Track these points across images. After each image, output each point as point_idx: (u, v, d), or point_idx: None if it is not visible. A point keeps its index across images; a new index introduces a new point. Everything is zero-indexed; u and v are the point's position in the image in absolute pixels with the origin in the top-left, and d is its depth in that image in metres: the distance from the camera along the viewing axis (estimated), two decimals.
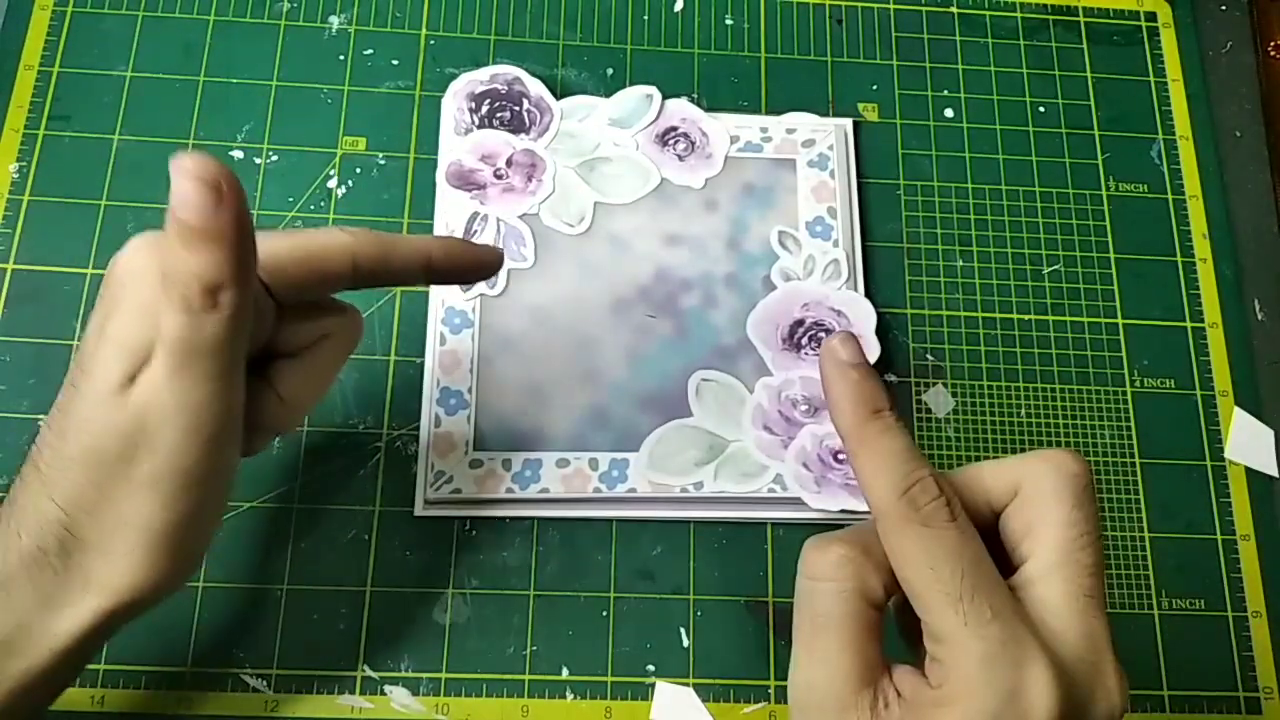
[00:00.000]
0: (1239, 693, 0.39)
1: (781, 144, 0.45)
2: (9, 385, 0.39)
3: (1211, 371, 0.44)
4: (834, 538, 0.27)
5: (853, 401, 0.27)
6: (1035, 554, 0.27)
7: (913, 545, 0.26)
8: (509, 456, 0.39)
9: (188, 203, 0.24)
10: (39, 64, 0.44)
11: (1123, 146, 0.48)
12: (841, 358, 0.28)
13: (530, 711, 0.37)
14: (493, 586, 0.39)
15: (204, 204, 0.25)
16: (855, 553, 0.26)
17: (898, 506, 0.26)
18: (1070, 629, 0.25)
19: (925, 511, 0.26)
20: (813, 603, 0.27)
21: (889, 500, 0.26)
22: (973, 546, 0.26)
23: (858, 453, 0.27)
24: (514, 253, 0.42)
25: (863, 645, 0.26)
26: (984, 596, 0.25)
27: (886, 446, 0.27)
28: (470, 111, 0.44)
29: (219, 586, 0.38)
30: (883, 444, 0.27)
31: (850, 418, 0.27)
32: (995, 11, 0.49)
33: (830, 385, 0.28)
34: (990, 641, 0.24)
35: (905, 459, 0.26)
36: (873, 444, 0.27)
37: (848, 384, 0.27)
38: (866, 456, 0.27)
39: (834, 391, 0.28)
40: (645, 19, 0.48)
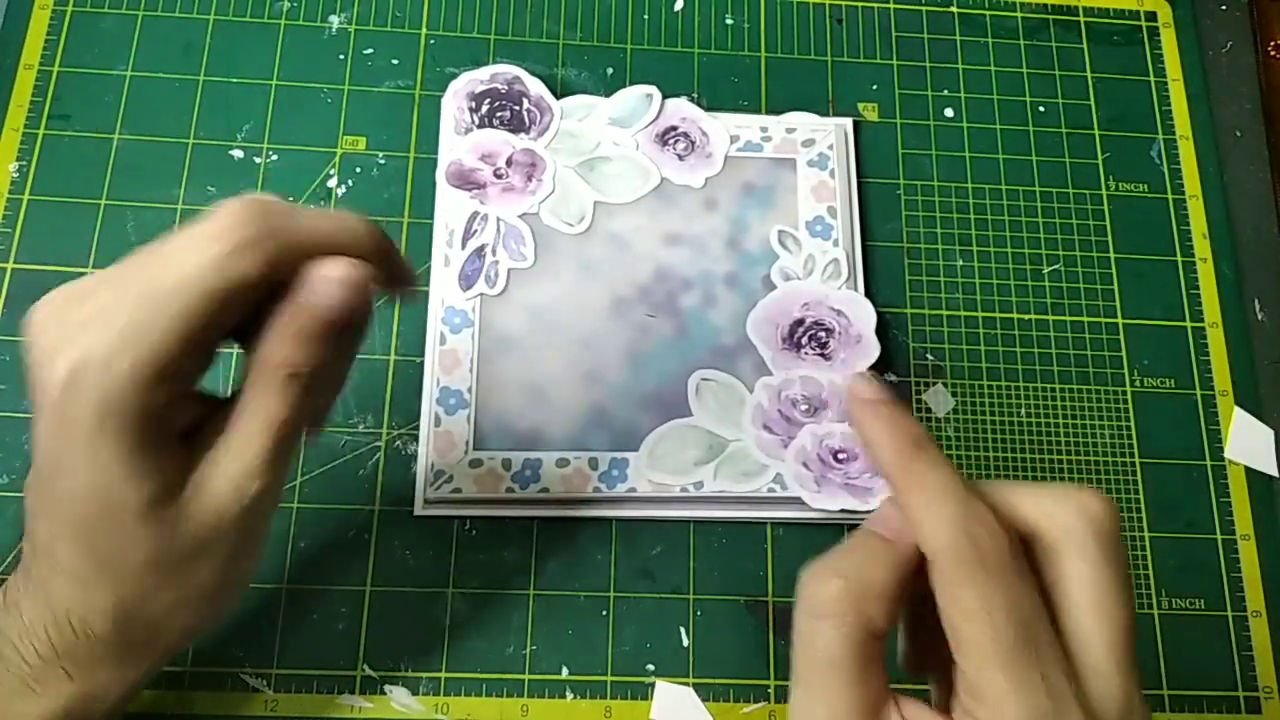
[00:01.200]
0: (1239, 692, 0.39)
1: (781, 143, 0.45)
2: (8, 384, 0.39)
3: (1211, 371, 0.44)
4: (832, 568, 0.25)
5: (892, 438, 0.26)
6: (1069, 612, 0.25)
7: (971, 592, 0.23)
8: (509, 456, 0.39)
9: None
10: (39, 63, 0.44)
11: (1123, 146, 0.48)
12: (866, 396, 0.26)
13: (530, 711, 0.37)
14: (492, 586, 0.39)
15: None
16: (856, 585, 0.24)
17: (956, 543, 0.24)
18: (1110, 696, 0.24)
19: (985, 549, 0.24)
20: (812, 641, 0.25)
21: (946, 539, 0.24)
22: (1032, 599, 0.24)
23: (907, 490, 0.25)
24: (514, 252, 0.42)
25: (866, 680, 0.25)
26: (1037, 661, 0.23)
27: (937, 482, 0.25)
28: (470, 111, 0.44)
29: None
30: (933, 479, 0.25)
31: (893, 455, 0.25)
32: (995, 11, 0.49)
33: (864, 427, 0.26)
34: (1036, 712, 0.23)
35: (959, 494, 0.24)
36: (922, 480, 0.25)
37: (881, 421, 0.26)
38: (917, 495, 0.25)
39: (869, 432, 0.26)
40: (645, 18, 0.48)
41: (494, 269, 0.42)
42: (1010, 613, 0.23)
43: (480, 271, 0.41)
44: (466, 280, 0.41)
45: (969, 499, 0.24)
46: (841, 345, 0.41)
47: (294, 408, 0.27)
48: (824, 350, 0.41)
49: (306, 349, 0.27)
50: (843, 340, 0.41)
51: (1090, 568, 0.24)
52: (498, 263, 0.42)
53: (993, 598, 0.23)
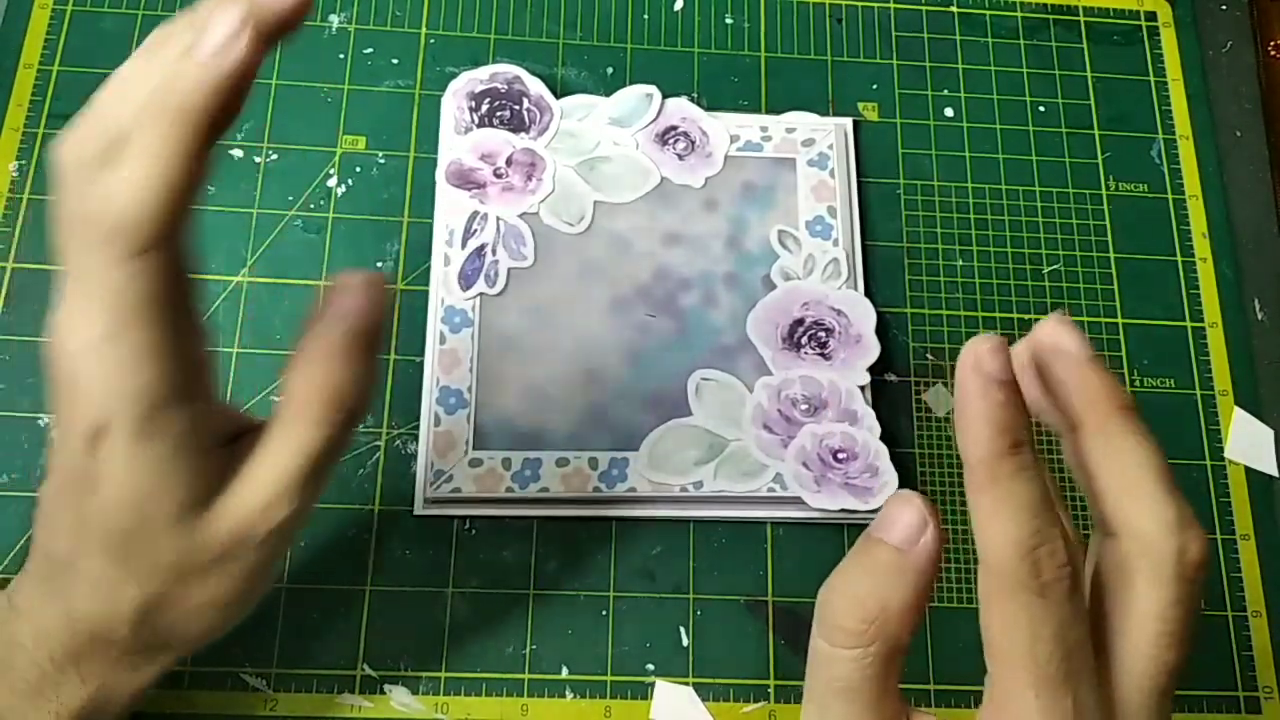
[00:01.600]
0: (1239, 692, 0.39)
1: (781, 143, 0.45)
2: (8, 384, 0.39)
3: (1211, 371, 0.44)
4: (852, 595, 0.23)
5: (990, 428, 0.22)
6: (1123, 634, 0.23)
7: (1020, 614, 0.22)
8: (509, 456, 0.39)
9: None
10: (38, 63, 0.44)
11: (1123, 146, 0.48)
12: (988, 370, 0.23)
13: (530, 711, 0.37)
14: (492, 586, 0.39)
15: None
16: (879, 613, 0.23)
17: (1017, 567, 0.22)
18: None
19: (1046, 581, 0.22)
20: (830, 669, 0.23)
21: (1007, 557, 0.22)
22: (1081, 628, 0.22)
23: (983, 490, 0.23)
24: (514, 252, 0.42)
25: (885, 700, 0.24)
26: (1072, 690, 0.22)
27: (1019, 492, 0.22)
28: (470, 110, 0.44)
29: None
30: (1015, 488, 0.22)
31: (983, 449, 0.23)
32: (995, 11, 0.49)
33: (966, 402, 0.23)
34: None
35: (1037, 511, 0.22)
36: (1004, 486, 0.22)
37: (989, 405, 0.22)
38: (992, 499, 0.22)
39: (970, 411, 0.23)
40: (645, 18, 0.48)
41: (494, 269, 0.42)
42: (1055, 640, 0.22)
43: (480, 271, 0.41)
44: (466, 280, 0.41)
45: (1046, 521, 0.22)
46: (841, 345, 0.41)
47: (327, 434, 0.27)
48: (824, 350, 0.41)
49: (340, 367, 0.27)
50: (843, 340, 0.41)
51: (1160, 605, 0.23)
52: (498, 262, 0.42)
53: (1041, 623, 0.22)
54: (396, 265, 0.42)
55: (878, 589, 0.23)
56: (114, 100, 0.26)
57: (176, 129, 0.24)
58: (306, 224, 0.43)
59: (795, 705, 0.38)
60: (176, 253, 0.25)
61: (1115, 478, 0.23)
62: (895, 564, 0.23)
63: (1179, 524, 0.23)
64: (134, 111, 0.25)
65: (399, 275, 0.42)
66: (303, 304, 0.41)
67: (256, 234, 0.42)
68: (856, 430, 0.40)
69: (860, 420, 0.40)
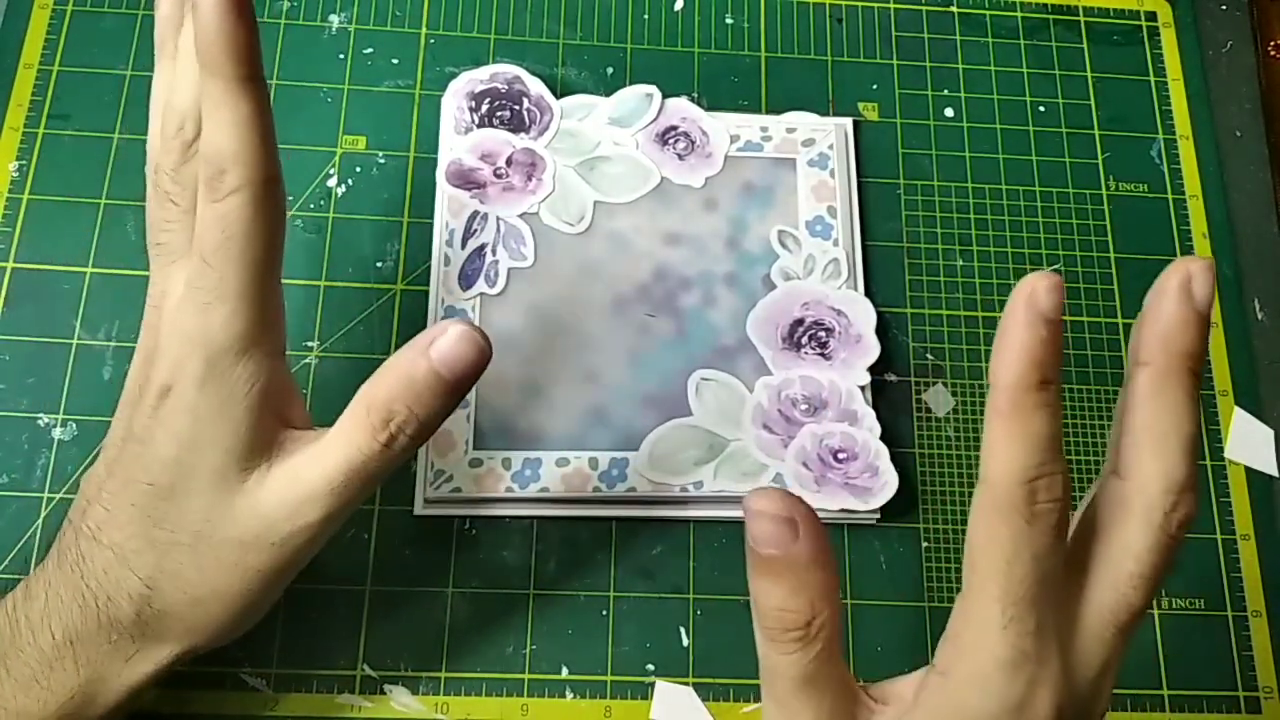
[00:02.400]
0: (1239, 692, 0.39)
1: (781, 143, 0.45)
2: (8, 384, 0.39)
3: (1211, 371, 0.44)
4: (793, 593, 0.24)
5: (1026, 360, 0.23)
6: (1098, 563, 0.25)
7: (1004, 534, 0.23)
8: (509, 455, 0.39)
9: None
10: (39, 63, 0.44)
11: (1123, 146, 0.48)
12: (1041, 306, 0.23)
13: (530, 710, 0.37)
14: (492, 586, 0.39)
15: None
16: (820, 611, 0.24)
17: (1013, 491, 0.23)
18: (1093, 659, 0.25)
19: (1039, 509, 0.23)
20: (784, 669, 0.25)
21: (1009, 480, 0.23)
22: (1056, 558, 0.24)
23: (1003, 415, 0.23)
24: (514, 252, 0.42)
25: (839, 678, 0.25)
26: (1037, 611, 0.23)
27: (1035, 425, 0.23)
28: (470, 110, 0.44)
29: None
30: (1033, 421, 0.23)
31: (1013, 375, 0.23)
32: (995, 11, 0.49)
33: (1011, 329, 0.23)
34: (1018, 653, 0.23)
35: (1047, 446, 0.23)
36: (1022, 415, 0.23)
37: (1031, 338, 0.23)
38: (1008, 423, 0.23)
39: (1011, 338, 0.23)
40: (645, 18, 0.48)
41: (494, 269, 0.42)
42: (1032, 563, 0.23)
43: (480, 271, 0.41)
44: (466, 280, 0.41)
45: (1052, 454, 0.23)
46: (841, 345, 0.41)
47: (382, 451, 0.28)
48: (824, 350, 0.41)
49: (419, 399, 0.27)
50: (843, 340, 0.41)
51: (1139, 548, 0.24)
52: (498, 262, 0.42)
53: (1020, 546, 0.23)
54: (396, 265, 0.42)
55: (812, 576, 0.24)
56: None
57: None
58: (306, 224, 0.43)
59: None
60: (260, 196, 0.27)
61: (1148, 426, 0.24)
62: (814, 553, 0.24)
63: (1181, 484, 0.24)
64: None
65: (399, 275, 0.42)
66: (303, 304, 0.41)
67: None
68: (856, 430, 0.40)
69: (860, 420, 0.40)
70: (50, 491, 0.38)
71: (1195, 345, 0.24)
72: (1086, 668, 0.24)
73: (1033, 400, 0.23)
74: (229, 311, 0.27)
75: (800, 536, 0.24)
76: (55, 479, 0.38)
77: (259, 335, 0.27)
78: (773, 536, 0.24)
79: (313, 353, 0.40)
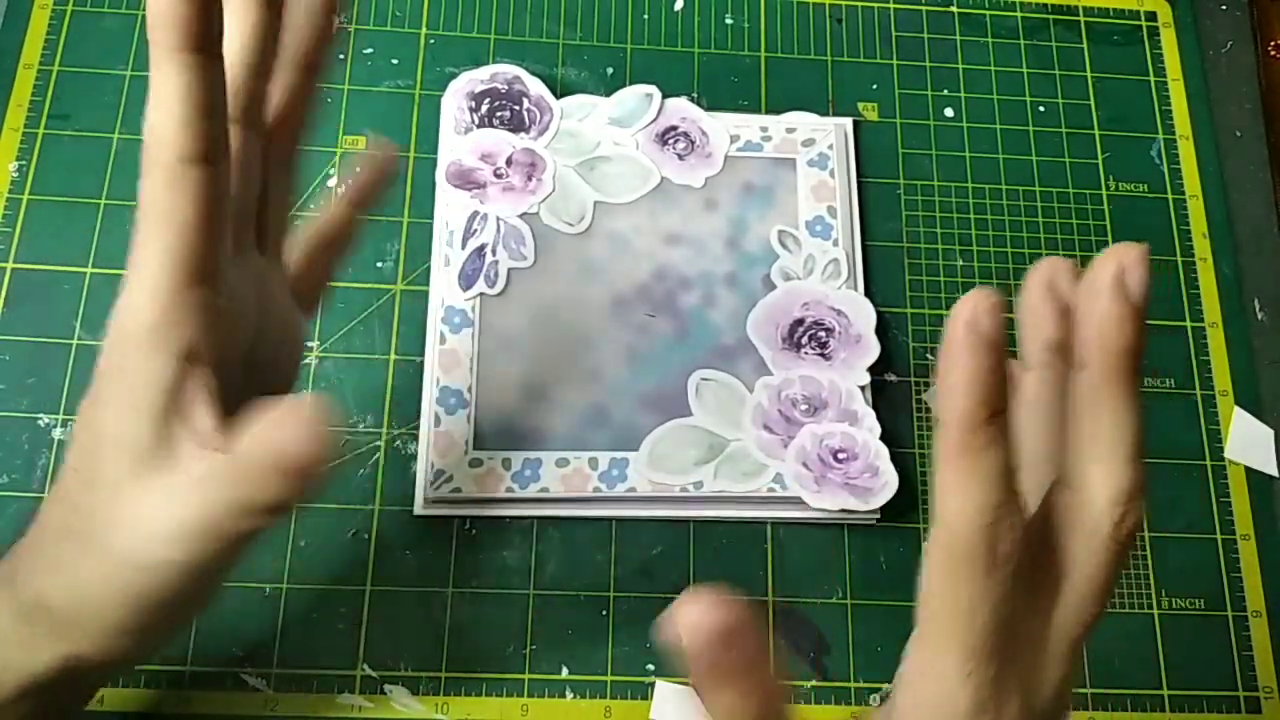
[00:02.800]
0: (1239, 692, 0.39)
1: (781, 143, 0.45)
2: (8, 384, 0.39)
3: (1211, 371, 0.44)
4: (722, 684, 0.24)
5: (972, 398, 0.22)
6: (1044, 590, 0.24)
7: (965, 585, 0.22)
8: (509, 456, 0.39)
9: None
10: (39, 63, 0.44)
11: (1123, 146, 0.48)
12: (982, 328, 0.22)
13: (530, 710, 0.37)
14: (493, 586, 0.39)
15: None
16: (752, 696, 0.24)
17: (973, 536, 0.22)
18: (1050, 678, 0.24)
19: (1001, 555, 0.22)
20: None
21: (967, 528, 0.22)
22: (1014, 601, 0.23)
23: (954, 456, 0.22)
24: (514, 252, 0.42)
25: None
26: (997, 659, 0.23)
27: (988, 464, 0.22)
28: (470, 110, 0.44)
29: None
30: (985, 460, 0.22)
31: (960, 412, 0.22)
32: (995, 11, 0.49)
33: (955, 359, 0.22)
34: (977, 704, 0.23)
35: (1001, 485, 0.22)
36: (974, 456, 0.22)
37: (975, 369, 0.22)
38: (960, 465, 0.22)
39: (957, 369, 0.22)
40: (645, 18, 0.48)
41: (494, 269, 0.42)
42: (993, 614, 0.22)
43: (480, 271, 0.41)
44: (466, 280, 0.41)
45: (1007, 495, 0.22)
46: (841, 345, 0.41)
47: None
48: (824, 350, 0.41)
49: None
50: (843, 340, 0.41)
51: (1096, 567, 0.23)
52: (498, 262, 0.42)
53: (984, 599, 0.22)
54: (396, 265, 0.42)
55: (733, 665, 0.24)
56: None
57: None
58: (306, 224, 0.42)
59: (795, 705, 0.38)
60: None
61: (1088, 435, 0.23)
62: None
63: (1125, 495, 0.23)
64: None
65: (399, 275, 0.42)
66: None
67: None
68: (856, 430, 0.40)
69: (860, 420, 0.40)
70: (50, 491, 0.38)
71: (1133, 342, 0.22)
72: (1046, 686, 0.24)
73: (983, 439, 0.22)
74: (139, 301, 0.25)
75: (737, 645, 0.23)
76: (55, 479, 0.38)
77: (169, 332, 0.25)
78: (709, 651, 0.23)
79: (313, 353, 0.40)
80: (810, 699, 0.38)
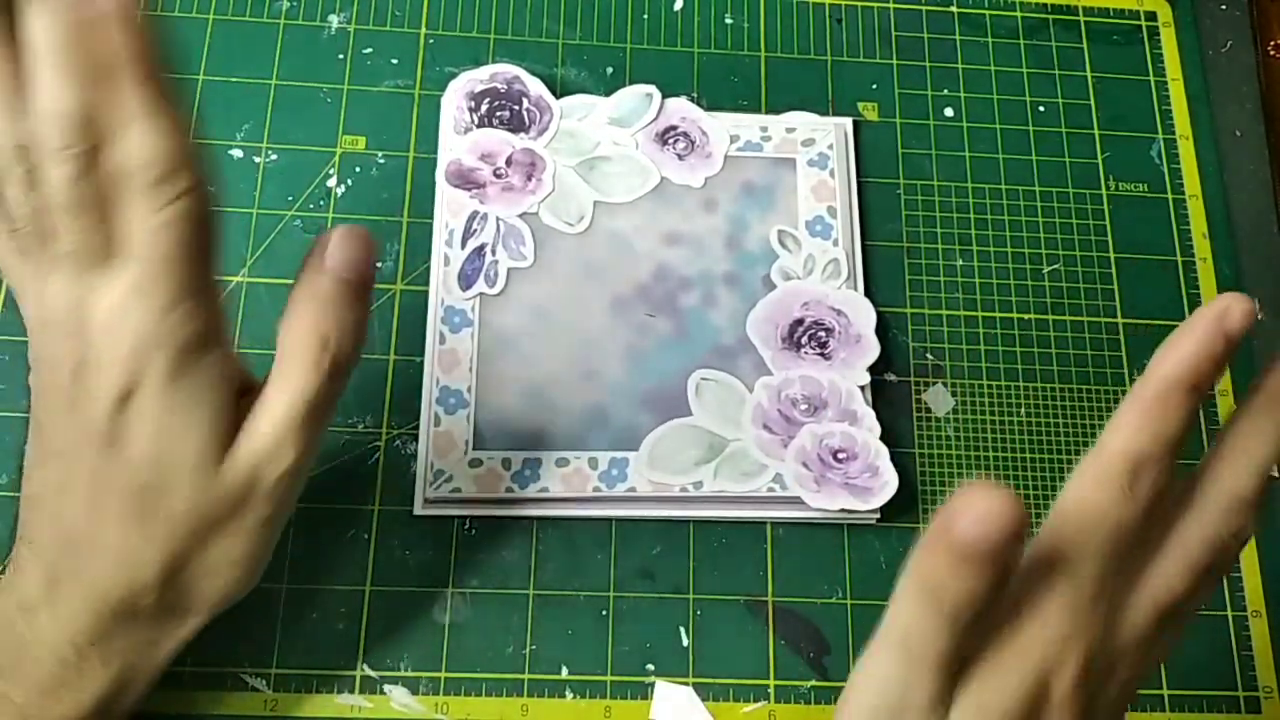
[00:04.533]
0: (1239, 692, 0.39)
1: (781, 143, 0.45)
2: (8, 384, 0.39)
3: None
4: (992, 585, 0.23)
5: (1190, 362, 0.25)
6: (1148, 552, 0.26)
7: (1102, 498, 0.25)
8: (508, 456, 0.39)
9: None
10: None
11: (1123, 146, 0.48)
12: (1228, 324, 0.25)
13: (529, 711, 0.37)
14: (492, 586, 0.39)
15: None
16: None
17: (1122, 466, 0.25)
18: (1131, 628, 0.27)
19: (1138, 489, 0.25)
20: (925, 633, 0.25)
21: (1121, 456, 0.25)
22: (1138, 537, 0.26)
23: (1143, 401, 0.25)
24: (514, 252, 0.42)
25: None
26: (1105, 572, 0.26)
27: (1167, 421, 0.25)
28: (470, 110, 0.44)
29: None
30: (1166, 416, 0.25)
31: (1170, 370, 0.25)
32: (995, 11, 0.49)
33: (1190, 331, 0.25)
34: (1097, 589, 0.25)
35: (1167, 445, 0.25)
36: (1161, 407, 0.25)
37: (1204, 346, 0.25)
38: (1145, 410, 0.25)
39: (1186, 338, 0.25)
40: (645, 18, 0.48)
41: (494, 268, 0.41)
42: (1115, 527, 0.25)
43: (480, 271, 0.41)
44: (466, 280, 0.41)
45: (1165, 454, 0.25)
46: (841, 345, 0.41)
47: (318, 379, 0.29)
48: (824, 350, 0.41)
49: (331, 314, 0.29)
50: (842, 340, 0.41)
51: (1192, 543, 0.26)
52: (497, 262, 0.42)
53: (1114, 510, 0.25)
54: (396, 265, 0.42)
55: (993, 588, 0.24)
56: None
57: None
58: (306, 224, 0.43)
59: (795, 705, 0.38)
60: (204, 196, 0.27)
61: (1230, 448, 0.27)
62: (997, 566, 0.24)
63: (1239, 503, 0.26)
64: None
65: (399, 275, 0.42)
66: None
67: (256, 234, 0.42)
68: (856, 430, 0.40)
69: (860, 420, 0.40)
70: None
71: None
72: (1124, 630, 0.26)
73: (1176, 400, 0.25)
74: (189, 309, 0.27)
75: (1018, 539, 0.23)
76: None
77: (215, 324, 0.28)
78: (996, 536, 0.23)
79: None
80: (810, 699, 0.38)
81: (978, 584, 0.23)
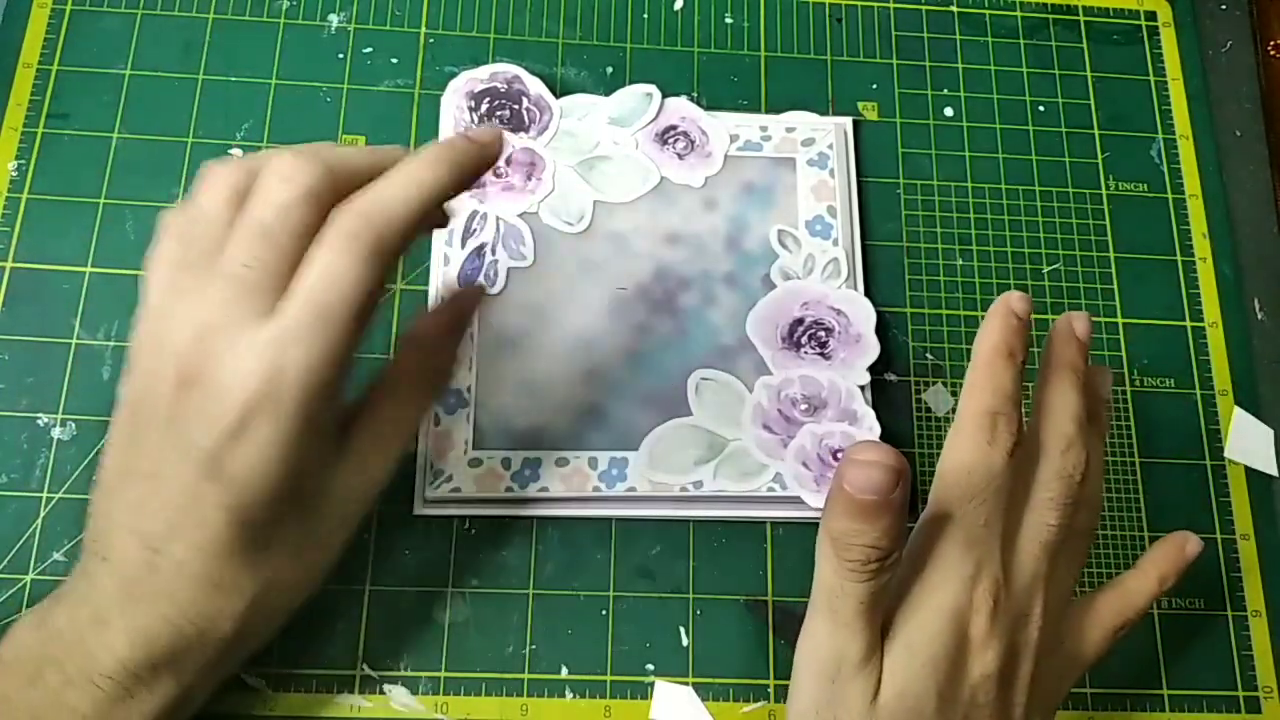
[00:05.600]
0: (1239, 692, 0.39)
1: (781, 143, 0.45)
2: (8, 384, 0.39)
3: (1211, 371, 0.44)
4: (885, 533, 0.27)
5: (1000, 336, 0.31)
6: (1020, 499, 0.32)
7: (969, 450, 0.30)
8: (508, 455, 0.39)
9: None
10: (38, 62, 0.44)
11: (1123, 146, 0.48)
12: (1014, 308, 0.31)
13: (529, 710, 0.37)
14: (492, 585, 0.39)
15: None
16: (899, 547, 0.28)
17: (979, 423, 0.30)
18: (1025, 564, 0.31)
19: (996, 437, 0.29)
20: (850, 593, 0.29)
21: (975, 415, 0.30)
22: (1007, 480, 0.30)
23: (977, 370, 0.31)
24: (513, 251, 0.42)
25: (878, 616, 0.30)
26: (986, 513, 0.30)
27: (1000, 379, 0.30)
28: (470, 110, 0.44)
29: None
30: (998, 376, 0.30)
31: (990, 344, 0.31)
32: (995, 10, 0.49)
33: (991, 320, 0.31)
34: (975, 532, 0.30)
35: (1008, 397, 0.30)
36: (991, 370, 0.30)
37: (1006, 325, 0.31)
38: (980, 377, 0.30)
39: (990, 324, 0.31)
40: (645, 17, 0.48)
41: (493, 268, 0.41)
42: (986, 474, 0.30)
43: (480, 271, 0.41)
44: (466, 279, 0.41)
45: (1011, 405, 0.30)
46: (841, 345, 0.41)
47: (424, 413, 0.32)
48: (824, 350, 0.41)
49: (450, 347, 0.33)
50: (842, 339, 0.41)
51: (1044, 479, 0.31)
52: (497, 262, 0.42)
53: (981, 460, 0.30)
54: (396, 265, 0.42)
55: (885, 535, 0.27)
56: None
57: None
58: None
59: None
60: (395, 262, 0.29)
61: (1044, 407, 0.32)
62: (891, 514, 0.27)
63: (1067, 441, 0.31)
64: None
65: (399, 275, 0.42)
66: None
67: None
68: (856, 430, 0.40)
69: (860, 420, 0.40)
70: (49, 491, 0.38)
71: (1069, 358, 0.32)
72: (1022, 566, 0.30)
73: (1001, 363, 0.30)
74: (338, 363, 0.27)
75: (899, 487, 0.27)
76: (54, 479, 0.38)
77: (348, 377, 0.29)
78: (879, 484, 0.27)
79: None
80: None
81: (876, 533, 0.27)
